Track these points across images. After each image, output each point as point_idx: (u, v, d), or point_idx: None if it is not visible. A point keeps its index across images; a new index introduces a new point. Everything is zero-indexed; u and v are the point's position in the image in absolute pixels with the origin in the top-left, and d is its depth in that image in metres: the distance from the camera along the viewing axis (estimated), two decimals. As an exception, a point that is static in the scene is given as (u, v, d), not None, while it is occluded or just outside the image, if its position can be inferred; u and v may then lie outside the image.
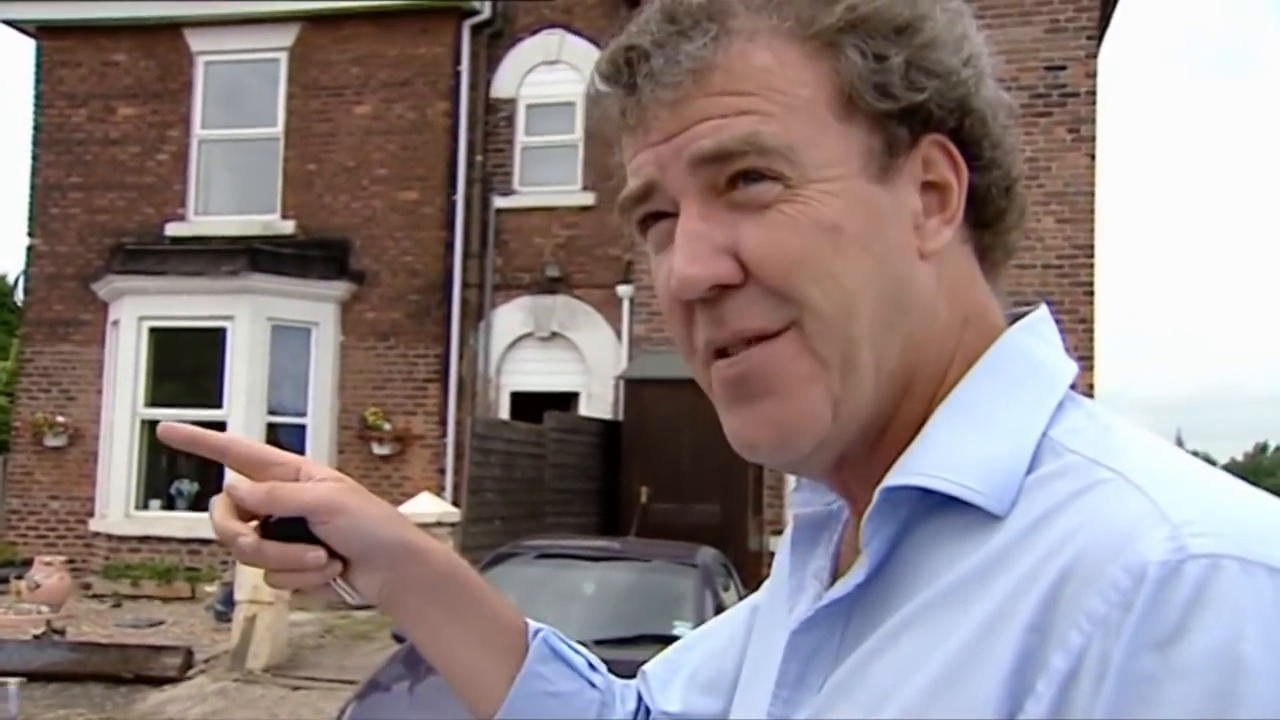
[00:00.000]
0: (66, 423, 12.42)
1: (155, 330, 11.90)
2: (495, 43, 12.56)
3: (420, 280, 12.23)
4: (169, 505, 11.89)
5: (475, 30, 12.43)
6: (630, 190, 0.72)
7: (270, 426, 11.75)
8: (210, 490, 11.43)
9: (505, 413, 12.15)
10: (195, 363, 12.03)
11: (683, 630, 5.30)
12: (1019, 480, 0.64)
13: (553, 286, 12.17)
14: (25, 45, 13.32)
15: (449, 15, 12.27)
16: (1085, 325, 10.32)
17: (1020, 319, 0.73)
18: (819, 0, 0.68)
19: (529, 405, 11.59)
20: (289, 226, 12.38)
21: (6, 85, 28.32)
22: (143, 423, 11.79)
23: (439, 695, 4.16)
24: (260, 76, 12.67)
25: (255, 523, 0.82)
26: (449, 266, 12.21)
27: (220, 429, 9.52)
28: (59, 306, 12.71)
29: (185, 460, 12.31)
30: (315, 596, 0.89)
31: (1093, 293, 10.43)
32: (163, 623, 9.80)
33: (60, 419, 12.42)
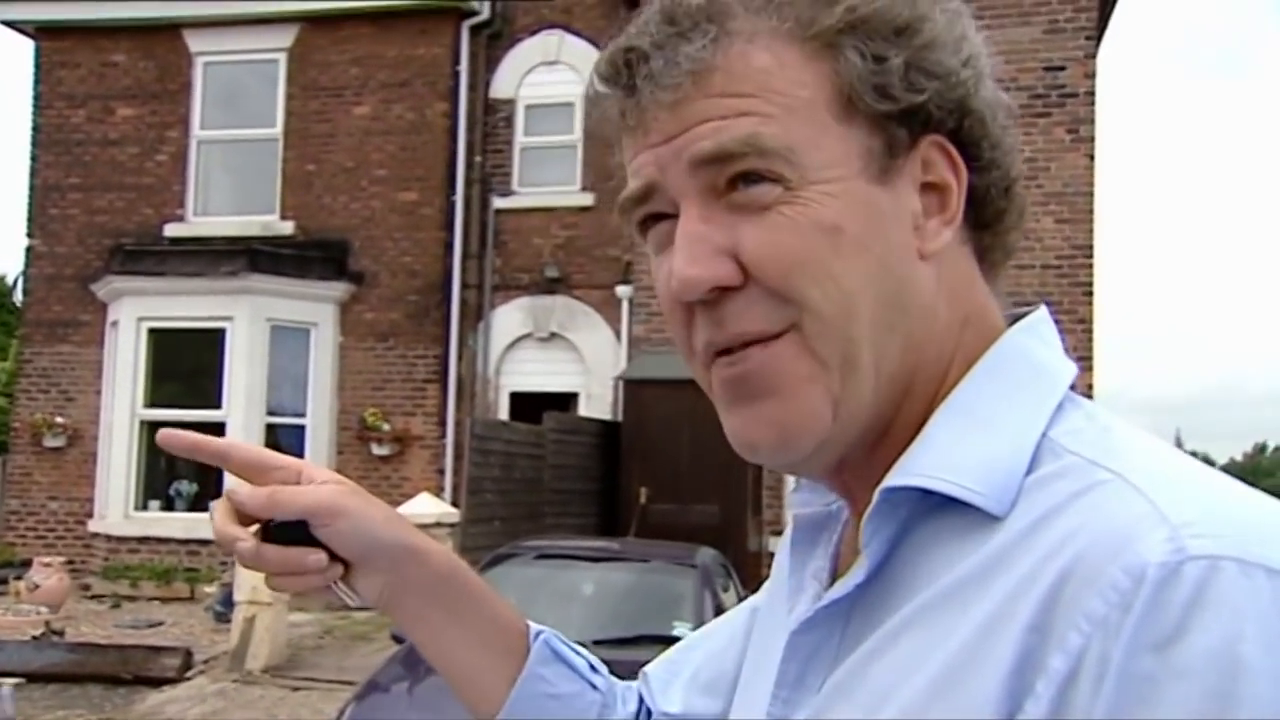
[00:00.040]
0: (65, 423, 12.41)
1: (154, 331, 11.89)
2: (494, 43, 12.56)
3: (419, 281, 12.23)
4: (168, 506, 11.88)
5: (474, 31, 12.43)
6: (630, 191, 0.72)
7: (269, 427, 11.74)
8: (209, 491, 11.46)
9: (504, 413, 12.15)
10: (194, 363, 12.02)
11: (682, 631, 5.31)
12: (1019, 481, 0.64)
13: (552, 287, 12.17)
14: (24, 46, 13.33)
15: (448, 16, 12.26)
16: (1084, 325, 10.33)
17: (1020, 320, 0.73)
18: (818, 1, 0.68)
19: (528, 406, 11.59)
20: (288, 227, 12.37)
21: (5, 86, 28.28)
22: (142, 423, 11.78)
23: (438, 696, 4.16)
24: (259, 77, 12.66)
25: (256, 526, 0.82)
26: (448, 267, 12.20)
27: (219, 430, 9.44)
28: (58, 307, 12.70)
29: (184, 461, 12.28)
30: (314, 597, 0.88)
31: (1092, 293, 10.43)
32: (162, 623, 9.79)
33: (59, 420, 12.41)
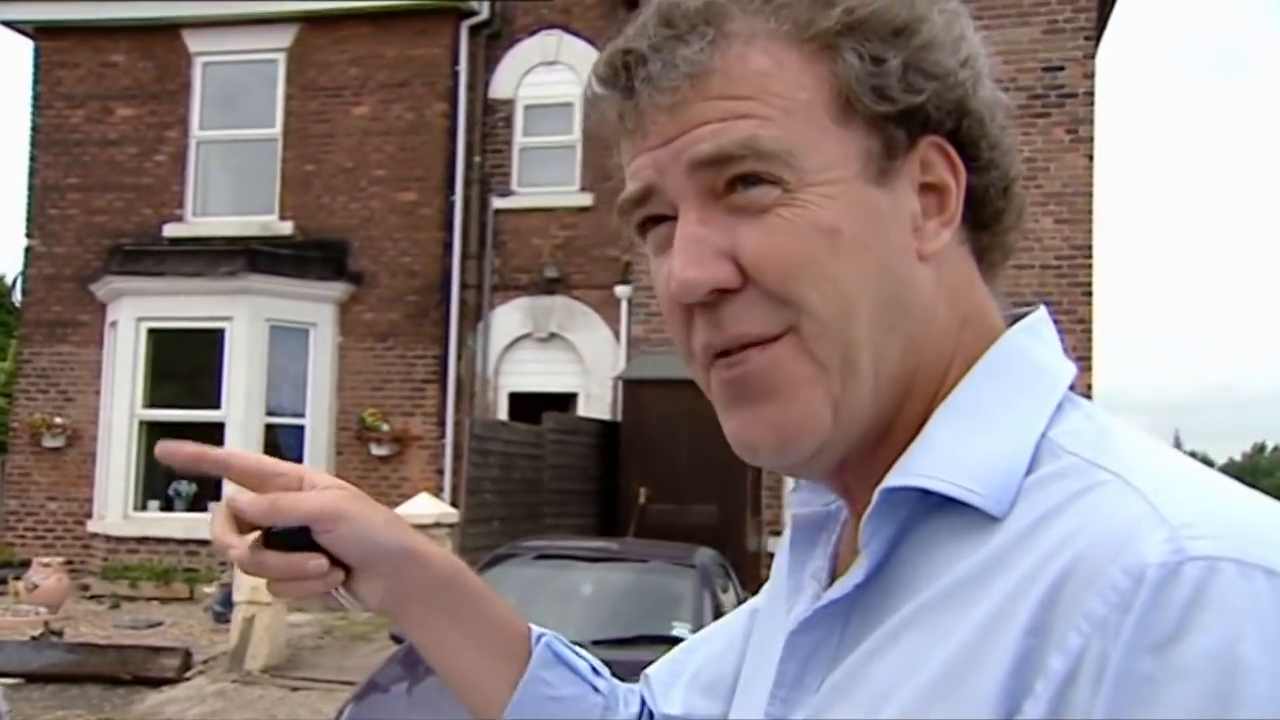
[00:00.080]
0: (64, 424, 12.40)
1: (153, 331, 11.88)
2: (493, 43, 12.55)
3: (418, 281, 12.23)
4: (167, 506, 11.87)
5: (473, 31, 12.42)
6: (629, 194, 0.72)
7: (268, 427, 11.74)
8: (208, 491, 11.46)
9: (503, 413, 12.15)
10: (193, 364, 12.01)
11: (681, 631, 5.31)
12: (1018, 481, 0.64)
13: (551, 287, 12.17)
14: (23, 46, 13.32)
15: (447, 16, 12.26)
16: (1083, 325, 10.33)
17: (1019, 320, 0.73)
18: (816, 3, 0.68)
19: (527, 406, 11.58)
20: (287, 227, 12.37)
21: (5, 86, 28.27)
22: (141, 424, 11.78)
23: (437, 696, 4.16)
24: (258, 77, 12.66)
25: (258, 532, 0.81)
26: (447, 267, 12.20)
27: (219, 430, 9.42)
28: (57, 307, 12.69)
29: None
30: (314, 599, 0.88)
31: (1091, 293, 10.43)
32: (161, 624, 9.78)
33: (58, 420, 12.40)
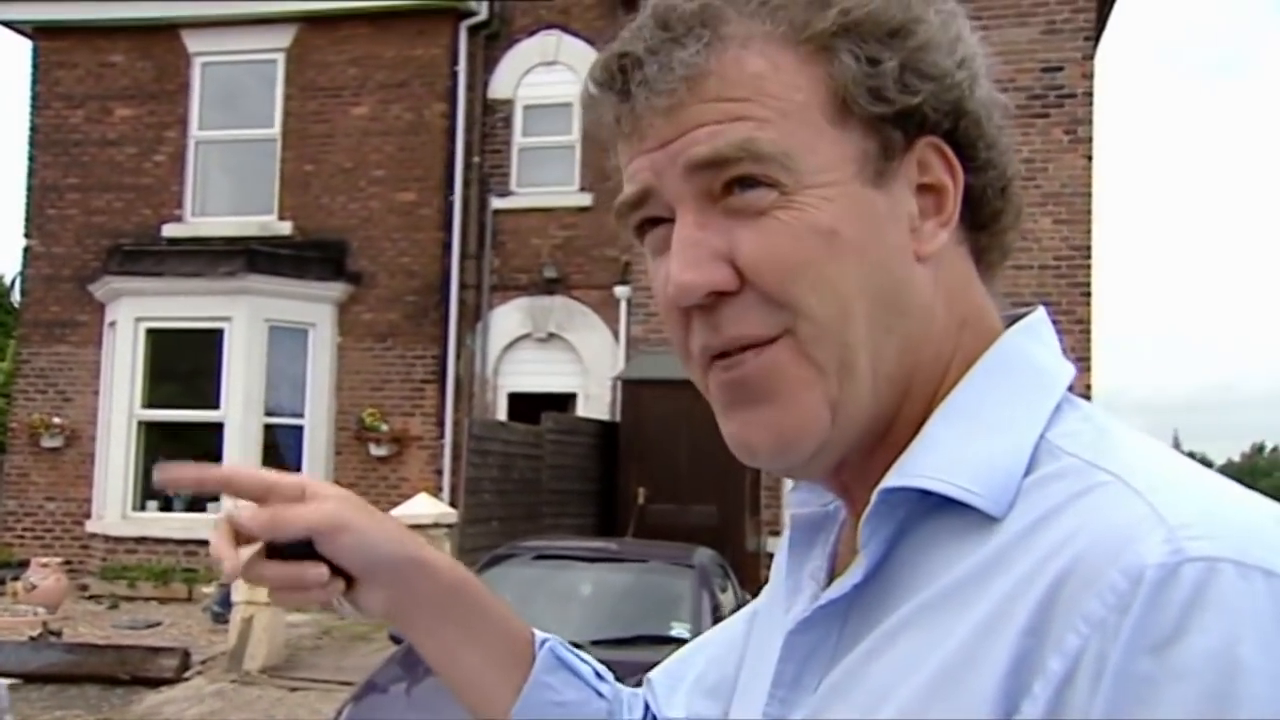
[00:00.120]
0: (63, 424, 12.40)
1: (152, 331, 11.87)
2: (492, 44, 12.55)
3: (418, 281, 12.22)
4: (166, 507, 11.86)
5: (472, 31, 12.42)
6: (626, 196, 0.72)
7: (267, 428, 11.73)
8: (207, 492, 11.41)
9: (502, 414, 12.14)
10: (192, 364, 12.00)
11: (680, 631, 5.32)
12: (1017, 482, 0.64)
13: (550, 287, 12.17)
14: (22, 46, 13.32)
15: (446, 16, 12.26)
16: (1082, 326, 10.33)
17: (1018, 320, 0.73)
18: (812, 5, 0.68)
19: (526, 406, 11.59)
20: (286, 227, 12.36)
21: (3, 86, 28.25)
22: (140, 424, 11.79)
23: (436, 696, 4.15)
24: (257, 77, 12.66)
25: (257, 544, 0.81)
26: (446, 267, 12.20)
27: (218, 430, 9.40)
28: (55, 308, 12.69)
29: (182, 462, 12.29)
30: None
31: (1090, 294, 10.43)
32: (160, 624, 9.78)
33: (57, 420, 12.40)
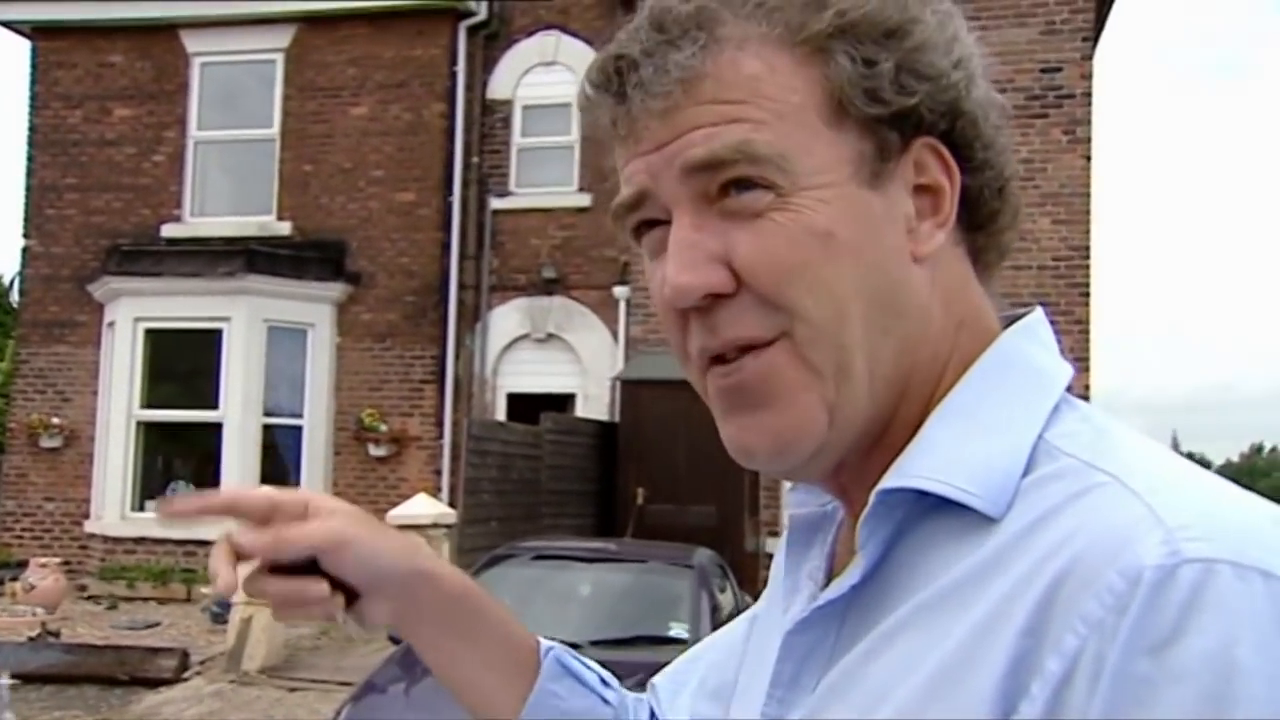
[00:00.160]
0: (62, 424, 12.39)
1: (151, 331, 11.87)
2: (491, 44, 12.55)
3: (416, 281, 12.22)
4: (165, 507, 11.85)
5: (471, 31, 12.42)
6: (623, 198, 0.72)
7: (266, 428, 11.73)
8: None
9: (501, 414, 12.14)
10: (191, 364, 12.00)
11: (679, 631, 5.32)
12: (1015, 483, 0.64)
13: (549, 288, 12.17)
14: (21, 46, 13.31)
15: (445, 16, 12.26)
16: (1081, 326, 10.33)
17: (1016, 321, 0.73)
18: (808, 6, 0.67)
19: (525, 406, 11.59)
20: (285, 228, 12.36)
21: (2, 86, 28.24)
22: (139, 424, 11.79)
23: (434, 697, 4.15)
24: (256, 78, 12.65)
25: (255, 561, 0.81)
26: (445, 268, 12.20)
27: (216, 430, 9.38)
28: (54, 308, 12.68)
29: (181, 462, 12.32)
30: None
31: (1088, 294, 10.43)
32: (158, 624, 9.78)
33: (55, 420, 12.39)
